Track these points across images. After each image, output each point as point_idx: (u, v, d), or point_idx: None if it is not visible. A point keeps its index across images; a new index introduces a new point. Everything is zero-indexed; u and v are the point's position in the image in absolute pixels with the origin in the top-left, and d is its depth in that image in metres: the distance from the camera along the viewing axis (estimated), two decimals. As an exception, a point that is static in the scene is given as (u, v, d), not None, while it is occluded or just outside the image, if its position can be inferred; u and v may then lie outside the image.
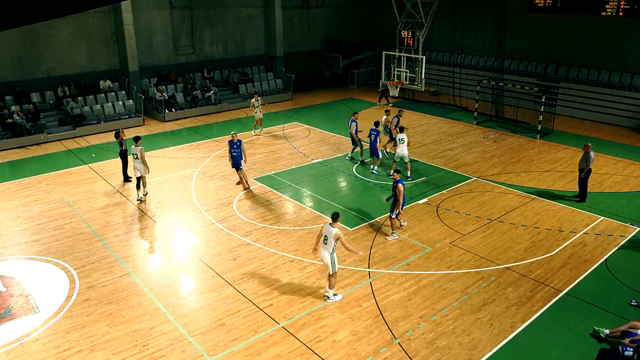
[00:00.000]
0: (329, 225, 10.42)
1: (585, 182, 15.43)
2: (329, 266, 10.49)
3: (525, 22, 26.87)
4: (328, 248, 10.39)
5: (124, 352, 9.31)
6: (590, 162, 15.04)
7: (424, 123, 24.63)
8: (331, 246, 10.35)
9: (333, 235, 10.25)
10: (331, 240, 10.30)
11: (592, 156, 15.04)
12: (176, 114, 25.37)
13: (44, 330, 9.90)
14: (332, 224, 10.40)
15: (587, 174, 15.28)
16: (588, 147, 15.14)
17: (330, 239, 10.31)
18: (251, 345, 9.47)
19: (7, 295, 10.99)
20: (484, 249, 12.80)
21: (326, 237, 10.42)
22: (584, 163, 15.12)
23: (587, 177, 15.35)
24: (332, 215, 10.56)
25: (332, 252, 10.40)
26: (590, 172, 15.42)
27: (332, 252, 10.41)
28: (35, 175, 18.04)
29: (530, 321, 10.09)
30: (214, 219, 14.52)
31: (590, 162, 15.04)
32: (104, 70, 25.23)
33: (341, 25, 34.16)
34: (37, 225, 14.21)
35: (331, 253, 10.40)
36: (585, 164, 15.08)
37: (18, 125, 21.20)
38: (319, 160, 19.11)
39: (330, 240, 10.32)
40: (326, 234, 10.41)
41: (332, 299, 10.76)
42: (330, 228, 10.35)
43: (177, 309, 10.55)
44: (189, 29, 27.46)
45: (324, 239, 10.47)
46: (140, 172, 15.53)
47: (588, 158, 15.02)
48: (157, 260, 12.58)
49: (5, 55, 22.38)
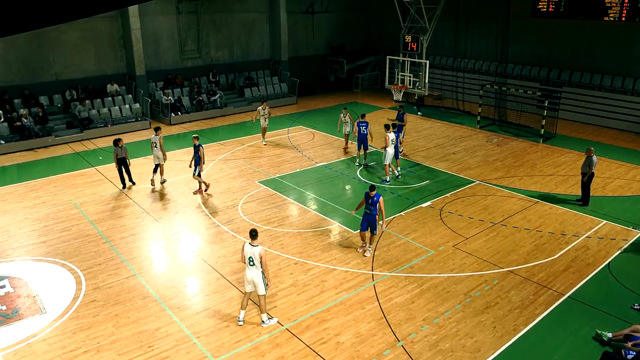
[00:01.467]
0: (250, 244, 9.55)
1: (588, 186, 15.37)
2: (259, 287, 9.65)
3: (528, 27, 26.83)
4: (257, 268, 9.53)
5: (130, 353, 9.31)
6: (593, 166, 15.00)
7: (427, 127, 24.60)
8: (259, 265, 9.51)
9: (257, 255, 9.44)
10: (257, 259, 9.46)
11: (594, 160, 15.01)
12: (182, 118, 25.44)
13: (51, 331, 9.92)
14: (252, 243, 9.53)
15: (590, 178, 15.23)
16: (591, 151, 15.13)
17: (256, 259, 9.46)
18: (255, 346, 9.46)
19: (14, 296, 11.02)
20: (487, 252, 12.75)
21: (251, 258, 9.51)
22: (587, 167, 15.08)
23: (590, 181, 15.30)
24: (250, 233, 9.58)
25: (262, 271, 9.58)
26: (593, 176, 15.36)
27: (262, 271, 9.59)
28: (43, 177, 18.10)
29: (533, 324, 10.04)
30: (219, 221, 14.53)
31: (593, 166, 15.00)
32: (111, 74, 25.32)
33: (345, 30, 34.19)
34: (44, 227, 14.25)
35: (262, 272, 9.58)
36: (588, 168, 15.03)
37: (26, 128, 21.30)
38: (323, 164, 19.11)
39: (256, 260, 9.47)
40: (250, 255, 9.51)
41: (267, 322, 10.02)
42: (252, 248, 9.49)
43: (182, 310, 10.56)
44: (195, 33, 27.54)
45: (249, 260, 9.54)
46: (159, 160, 16.81)
47: (591, 162, 15.00)
48: (163, 262, 12.59)
49: (14, 59, 22.50)
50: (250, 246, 9.54)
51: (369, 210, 12.12)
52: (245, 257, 9.63)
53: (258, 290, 9.73)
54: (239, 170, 18.57)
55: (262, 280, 9.62)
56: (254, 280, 9.64)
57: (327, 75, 34.08)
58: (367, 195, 12.14)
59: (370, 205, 12.06)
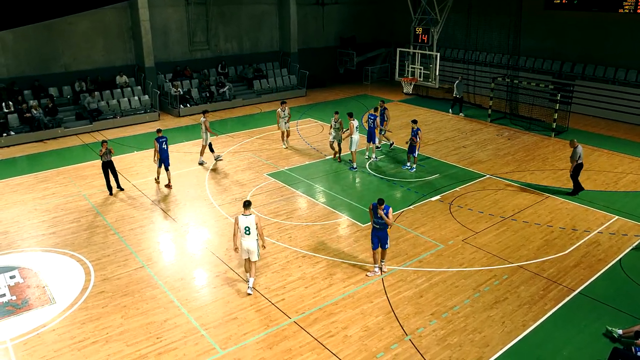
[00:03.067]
0: (243, 215, 10.42)
1: (577, 177, 15.63)
2: (255, 254, 10.60)
3: (541, 19, 26.56)
4: (253, 237, 10.43)
5: (138, 344, 9.41)
6: (578, 157, 15.28)
7: (438, 120, 24.49)
8: (255, 234, 10.44)
9: (253, 223, 10.36)
10: (254, 227, 10.39)
11: (579, 151, 15.29)
12: (191, 109, 25.49)
13: (60, 321, 10.04)
14: (245, 213, 10.44)
15: (578, 169, 15.50)
16: (575, 143, 15.45)
17: (252, 227, 10.37)
18: (263, 339, 9.52)
19: (24, 286, 11.15)
20: (497, 247, 12.72)
21: (247, 228, 10.37)
22: (573, 158, 15.43)
23: (578, 171, 15.55)
24: (244, 203, 10.57)
25: (257, 240, 10.53)
26: (582, 167, 15.60)
27: (257, 239, 10.54)
28: (52, 168, 18.25)
29: (542, 320, 10.02)
30: (227, 213, 14.59)
31: (577, 156, 15.28)
32: (120, 66, 25.42)
33: (355, 22, 34.04)
34: (53, 218, 14.38)
35: (256, 240, 10.52)
36: (573, 159, 15.40)
37: (36, 119, 21.46)
38: (332, 157, 19.08)
39: (252, 229, 10.38)
40: (247, 225, 10.36)
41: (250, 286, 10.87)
42: (247, 217, 10.39)
43: (190, 302, 10.63)
44: (204, 25, 27.54)
45: (246, 230, 10.39)
46: (203, 141, 18.14)
47: (575, 153, 15.31)
48: (171, 254, 12.67)
49: (24, 51, 22.64)
50: (244, 217, 10.41)
51: (377, 225, 11.10)
52: (241, 228, 10.41)
53: (252, 257, 10.65)
54: (248, 163, 18.61)
55: (257, 248, 10.56)
56: (249, 248, 10.55)
57: (337, 67, 33.98)
58: (375, 207, 11.01)
59: (379, 220, 11.00)
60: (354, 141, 17.59)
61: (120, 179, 16.42)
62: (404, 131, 22.40)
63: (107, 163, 15.71)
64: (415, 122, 17.54)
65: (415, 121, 17.57)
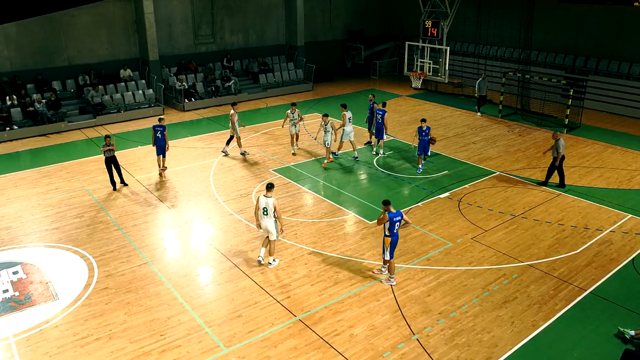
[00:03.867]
0: (264, 196, 11.21)
1: (561, 169, 15.94)
2: (273, 233, 11.38)
3: (553, 12, 26.37)
4: (270, 217, 11.24)
5: (141, 340, 9.46)
6: (561, 149, 15.59)
7: (447, 115, 24.41)
8: (272, 215, 11.22)
9: (272, 205, 11.12)
10: (271, 209, 11.16)
11: (561, 143, 15.60)
12: (195, 104, 25.55)
13: (63, 318, 10.11)
14: (266, 195, 11.20)
15: (561, 161, 15.78)
16: (557, 135, 15.80)
17: (270, 209, 11.16)
18: (268, 337, 9.55)
19: (27, 282, 11.23)
20: (507, 246, 12.68)
21: (265, 209, 11.21)
22: (556, 151, 15.65)
23: (561, 163, 15.86)
24: (267, 185, 11.37)
25: (275, 220, 11.29)
26: (564, 159, 15.94)
27: (275, 220, 11.30)
28: (55, 163, 18.36)
29: (552, 320, 9.99)
30: (232, 209, 14.62)
31: (561, 149, 15.58)
32: (124, 59, 25.49)
33: (363, 15, 33.93)
34: (57, 213, 14.47)
35: (274, 221, 11.29)
36: (557, 152, 15.62)
37: (39, 113, 21.56)
38: (339, 152, 19.07)
39: (270, 210, 11.17)
40: (265, 206, 11.19)
41: (273, 263, 11.70)
42: (267, 199, 11.16)
43: (195, 299, 10.68)
44: (210, 18, 27.55)
45: (264, 210, 11.23)
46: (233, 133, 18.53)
47: (558, 146, 15.61)
48: (175, 250, 12.73)
49: (27, 44, 22.74)
50: (264, 197, 11.20)
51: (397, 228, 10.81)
52: (260, 208, 11.26)
53: (270, 237, 11.47)
54: (253, 158, 18.63)
55: (275, 227, 11.34)
56: (267, 228, 11.35)
57: (345, 61, 33.91)
58: (393, 215, 10.70)
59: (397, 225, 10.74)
60: (346, 132, 17.97)
61: (124, 174, 16.48)
62: (413, 127, 22.35)
63: (110, 158, 15.75)
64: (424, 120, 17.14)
65: (424, 120, 17.15)
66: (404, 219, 10.84)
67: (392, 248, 10.89)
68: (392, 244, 10.87)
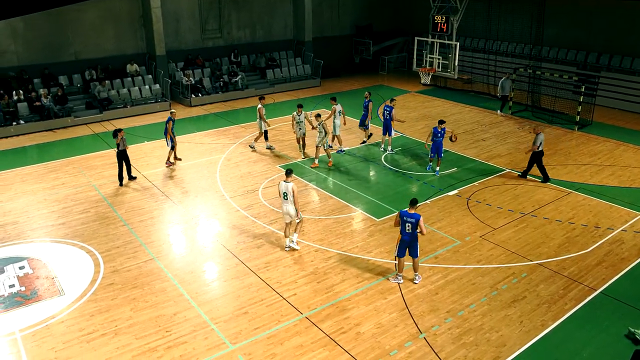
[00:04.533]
0: (284, 181, 11.71)
1: (541, 164, 16.09)
2: (296, 216, 11.85)
3: (565, 7, 26.18)
4: (291, 202, 11.68)
5: (147, 337, 9.52)
6: (537, 143, 15.74)
7: (456, 112, 24.33)
8: (292, 199, 11.65)
9: (290, 190, 11.56)
10: (290, 194, 11.61)
11: (539, 138, 15.76)
12: (202, 99, 25.60)
13: (69, 313, 10.19)
14: (286, 180, 11.71)
15: (539, 156, 15.94)
16: (538, 129, 16.05)
17: (290, 193, 11.60)
18: (274, 334, 9.58)
19: (33, 277, 11.33)
20: (516, 244, 12.64)
21: (285, 194, 11.68)
22: (534, 144, 15.88)
23: (539, 158, 16.01)
24: (286, 171, 11.92)
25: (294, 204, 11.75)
26: (543, 154, 16.05)
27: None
28: (62, 158, 18.47)
29: (562, 320, 9.96)
30: (239, 206, 14.66)
31: (537, 143, 15.75)
32: (131, 54, 25.57)
33: (372, 10, 33.83)
34: (63, 209, 14.57)
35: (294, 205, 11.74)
36: (533, 145, 15.86)
37: (46, 108, 21.69)
38: (347, 149, 19.07)
39: (290, 195, 11.62)
40: (285, 191, 11.66)
41: (294, 241, 12.26)
42: (286, 184, 11.65)
43: (201, 295, 10.73)
44: (217, 12, 27.57)
45: (284, 195, 11.71)
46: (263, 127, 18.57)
47: (535, 140, 15.80)
48: (181, 247, 12.78)
49: (34, 38, 22.86)
50: (284, 183, 11.68)
51: (409, 229, 10.61)
52: (281, 193, 11.78)
53: (294, 219, 11.94)
54: (260, 155, 18.66)
55: (296, 211, 11.76)
56: (289, 212, 11.82)
57: (353, 56, 33.85)
58: (405, 214, 10.62)
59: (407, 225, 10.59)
60: (336, 125, 18.33)
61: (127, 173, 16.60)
62: (421, 123, 22.34)
63: (122, 152, 15.87)
64: (443, 122, 16.48)
65: (442, 121, 16.48)
66: (419, 224, 10.50)
67: (400, 246, 10.87)
68: (400, 241, 10.85)
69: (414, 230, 10.57)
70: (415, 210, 10.60)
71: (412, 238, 10.69)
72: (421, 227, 10.51)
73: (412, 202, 10.68)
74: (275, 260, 11.93)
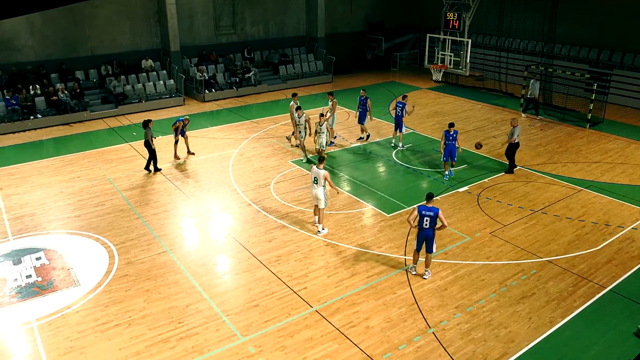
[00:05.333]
0: (316, 167, 12.46)
1: (512, 155, 16.34)
2: (322, 201, 12.51)
3: (578, 5, 25.88)
4: (319, 186, 12.39)
5: (160, 327, 9.60)
6: (513, 136, 16.03)
7: (467, 109, 24.18)
8: (321, 184, 12.36)
9: (322, 176, 12.29)
10: (320, 180, 12.33)
11: (515, 131, 16.04)
12: (216, 95, 25.68)
13: (84, 303, 10.29)
14: (318, 167, 12.43)
15: (514, 148, 16.21)
16: (515, 122, 16.29)
17: (320, 179, 12.33)
18: (284, 327, 9.62)
19: (49, 268, 11.46)
20: (525, 241, 12.56)
21: (316, 178, 12.42)
22: (510, 137, 16.18)
23: (513, 150, 16.27)
24: (319, 158, 12.73)
25: (323, 189, 12.41)
26: (518, 146, 16.33)
27: (324, 189, 12.42)
28: (78, 152, 18.62)
29: (570, 317, 9.90)
30: (251, 200, 14.70)
31: (513, 135, 16.03)
32: (146, 50, 25.68)
33: (384, 6, 33.66)
34: (79, 201, 14.70)
35: (323, 190, 12.42)
36: (510, 137, 16.14)
37: (63, 102, 21.87)
38: (358, 145, 19.04)
39: (320, 180, 12.34)
40: (315, 176, 12.44)
41: (322, 232, 12.80)
42: (318, 170, 12.40)
43: (213, 288, 10.79)
44: (230, 9, 27.59)
45: (314, 180, 12.47)
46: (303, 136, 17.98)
47: (512, 132, 16.10)
48: (194, 240, 12.85)
49: (51, 34, 23.03)
50: (316, 169, 12.46)
51: (427, 224, 10.61)
52: (311, 177, 12.56)
53: (320, 204, 12.60)
54: (272, 149, 18.69)
55: (324, 196, 12.50)
56: (317, 195, 12.50)
57: (365, 53, 33.73)
58: (423, 208, 10.61)
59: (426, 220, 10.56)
60: (334, 119, 18.82)
61: (144, 164, 16.69)
62: (432, 120, 22.24)
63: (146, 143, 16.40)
64: (452, 124, 16.07)
65: (452, 124, 16.09)
66: (439, 217, 10.48)
67: (417, 240, 10.90)
68: (417, 236, 10.87)
69: (432, 224, 10.57)
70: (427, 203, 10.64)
71: (430, 233, 10.67)
72: (442, 220, 10.52)
73: (428, 196, 10.74)
74: (287, 254, 11.96)
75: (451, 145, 15.91)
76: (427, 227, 10.60)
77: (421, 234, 10.74)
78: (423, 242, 10.83)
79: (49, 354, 8.99)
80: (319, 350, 9.04)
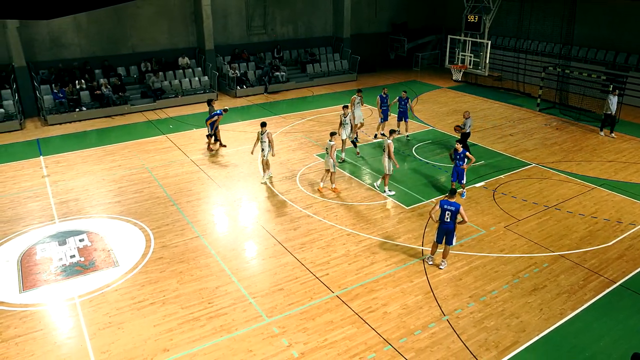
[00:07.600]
0: (329, 141, 14.16)
1: (465, 143, 16.37)
2: (331, 167, 14.25)
3: (596, 7, 25.20)
4: (328, 156, 14.18)
5: (191, 307, 9.76)
6: (467, 126, 16.71)
7: (486, 107, 23.84)
8: (330, 154, 14.10)
9: (331, 146, 14.10)
10: (331, 149, 14.07)
11: (469, 122, 16.73)
12: (246, 91, 25.80)
13: (122, 283, 10.51)
14: (330, 139, 14.19)
15: (467, 136, 16.85)
16: (466, 114, 16.85)
17: (330, 149, 14.08)
18: (306, 310, 9.68)
19: (91, 249, 11.72)
20: (539, 235, 12.38)
21: (327, 149, 14.16)
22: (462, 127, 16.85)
23: (466, 138, 16.84)
24: (330, 133, 14.47)
25: (328, 156, 14.12)
26: (469, 136, 17.00)
27: (328, 156, 14.12)
28: (119, 142, 18.94)
29: (580, 310, 9.74)
30: (277, 190, 14.78)
31: (467, 126, 16.71)
32: (183, 48, 25.91)
33: (408, 8, 33.29)
34: (119, 188, 14.97)
35: (329, 158, 14.14)
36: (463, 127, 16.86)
37: (105, 96, 22.25)
38: (380, 140, 18.94)
39: (330, 151, 14.08)
40: (326, 147, 14.26)
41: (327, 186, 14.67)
42: (328, 142, 14.17)
43: (241, 271, 10.91)
44: (262, 10, 27.63)
45: (326, 149, 14.26)
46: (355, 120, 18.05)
47: (465, 123, 16.76)
48: (224, 226, 12.99)
49: (96, 33, 23.40)
50: (328, 142, 14.19)
51: (448, 218, 10.54)
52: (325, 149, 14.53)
53: (331, 168, 14.37)
54: (299, 143, 18.73)
55: (332, 162, 14.19)
56: (327, 162, 14.34)
57: (388, 53, 33.46)
58: (445, 202, 10.57)
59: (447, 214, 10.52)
60: (356, 116, 18.02)
61: (179, 154, 16.89)
62: (452, 117, 21.99)
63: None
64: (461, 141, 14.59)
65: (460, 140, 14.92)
66: (460, 213, 10.43)
67: (438, 233, 10.85)
68: (438, 229, 10.82)
69: (452, 218, 10.51)
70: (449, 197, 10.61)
71: (451, 226, 10.60)
72: (462, 215, 10.46)
73: (451, 191, 10.76)
74: (310, 242, 12.01)
75: (458, 165, 13.88)
76: (448, 220, 10.54)
77: (442, 226, 10.69)
78: (444, 235, 10.76)
79: (90, 328, 9.23)
80: (338, 333, 9.08)
